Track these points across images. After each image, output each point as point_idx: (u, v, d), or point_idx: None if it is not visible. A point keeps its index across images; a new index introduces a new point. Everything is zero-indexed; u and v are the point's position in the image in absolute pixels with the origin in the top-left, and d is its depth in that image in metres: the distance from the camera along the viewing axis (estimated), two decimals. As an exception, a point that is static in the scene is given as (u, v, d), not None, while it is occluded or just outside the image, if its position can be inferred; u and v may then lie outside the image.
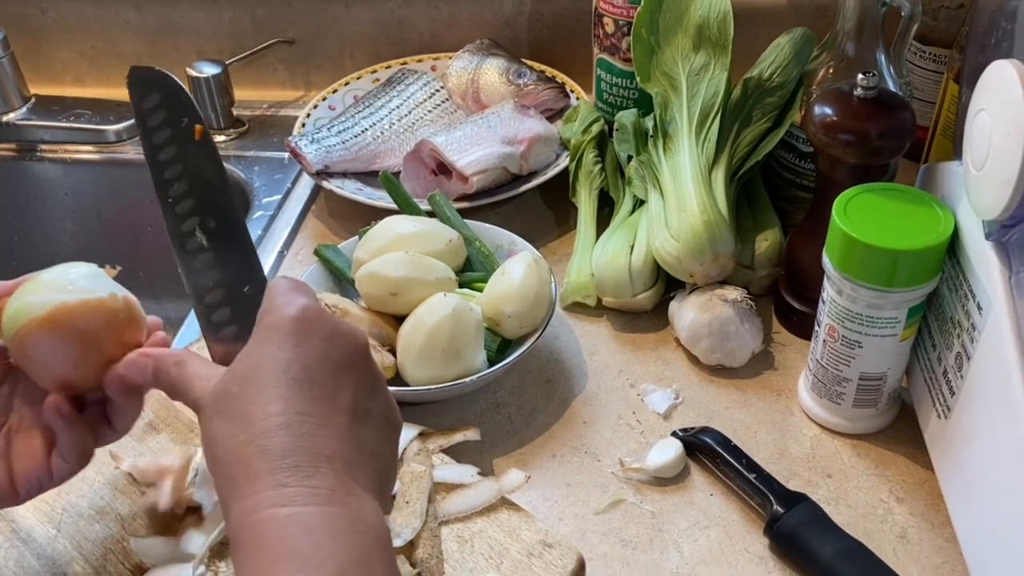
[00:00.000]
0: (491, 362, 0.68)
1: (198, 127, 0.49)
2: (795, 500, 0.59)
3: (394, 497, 0.59)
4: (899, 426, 0.66)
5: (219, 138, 1.02)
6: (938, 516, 0.60)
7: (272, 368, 0.41)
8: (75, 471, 0.49)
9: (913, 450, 0.65)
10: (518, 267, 0.69)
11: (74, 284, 0.47)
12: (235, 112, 1.03)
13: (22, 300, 0.47)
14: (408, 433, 0.63)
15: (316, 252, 0.76)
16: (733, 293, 0.71)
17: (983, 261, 0.53)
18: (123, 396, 0.48)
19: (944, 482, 0.59)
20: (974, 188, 0.53)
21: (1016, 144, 0.47)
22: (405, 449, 0.62)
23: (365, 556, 0.38)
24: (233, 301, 0.48)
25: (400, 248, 0.71)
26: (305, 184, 0.95)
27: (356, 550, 0.37)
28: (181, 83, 0.50)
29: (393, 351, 0.67)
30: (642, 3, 0.78)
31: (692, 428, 0.66)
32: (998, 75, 0.50)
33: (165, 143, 0.50)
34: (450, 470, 0.61)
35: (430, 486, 0.59)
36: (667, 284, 0.76)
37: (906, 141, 0.65)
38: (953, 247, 0.58)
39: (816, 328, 0.65)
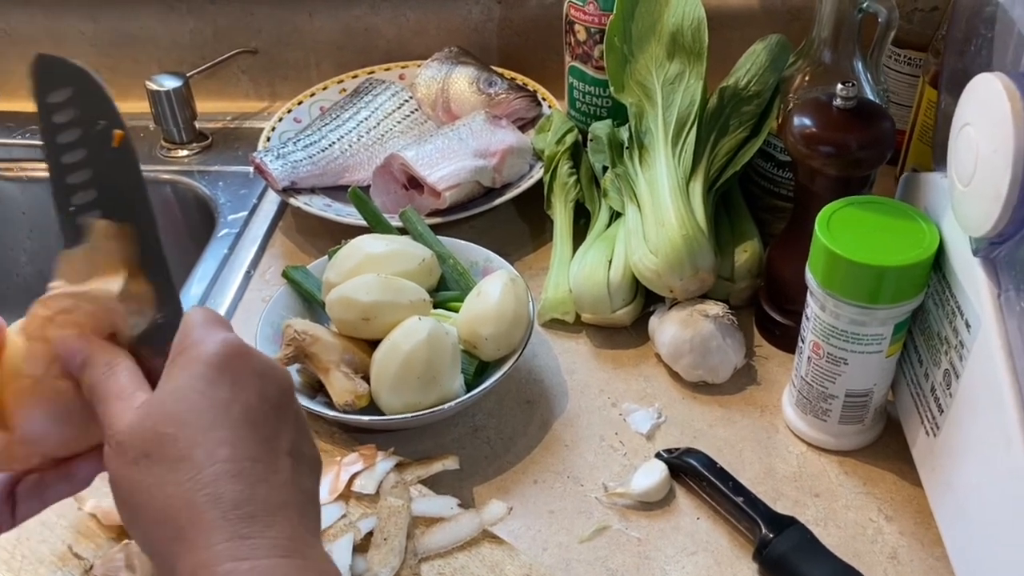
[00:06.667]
0: (469, 386, 0.66)
1: (117, 132, 0.42)
2: (784, 524, 0.58)
3: (371, 534, 0.57)
4: (885, 441, 0.65)
5: (182, 153, 0.99)
6: (928, 535, 0.59)
7: (212, 408, 0.38)
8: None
9: (901, 466, 0.63)
10: (494, 287, 0.67)
11: None
12: (198, 125, 1.00)
13: None
14: (385, 465, 0.61)
15: (284, 274, 0.73)
16: (714, 308, 0.69)
17: (970, 278, 0.52)
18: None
19: (934, 500, 0.58)
20: (960, 204, 0.52)
21: (1005, 161, 0.46)
22: (382, 482, 0.60)
23: None
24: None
25: (371, 269, 0.68)
26: (272, 200, 0.92)
27: None
28: (102, 82, 0.43)
29: (366, 378, 0.64)
30: (614, 11, 0.77)
31: (676, 449, 0.65)
32: (984, 89, 0.48)
33: (72, 144, 0.42)
34: (429, 503, 0.59)
35: (409, 521, 0.57)
36: (646, 299, 0.75)
37: (887, 152, 0.64)
38: (938, 261, 0.56)
39: (800, 344, 0.64)
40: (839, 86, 0.63)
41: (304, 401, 0.64)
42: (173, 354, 0.40)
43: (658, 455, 0.65)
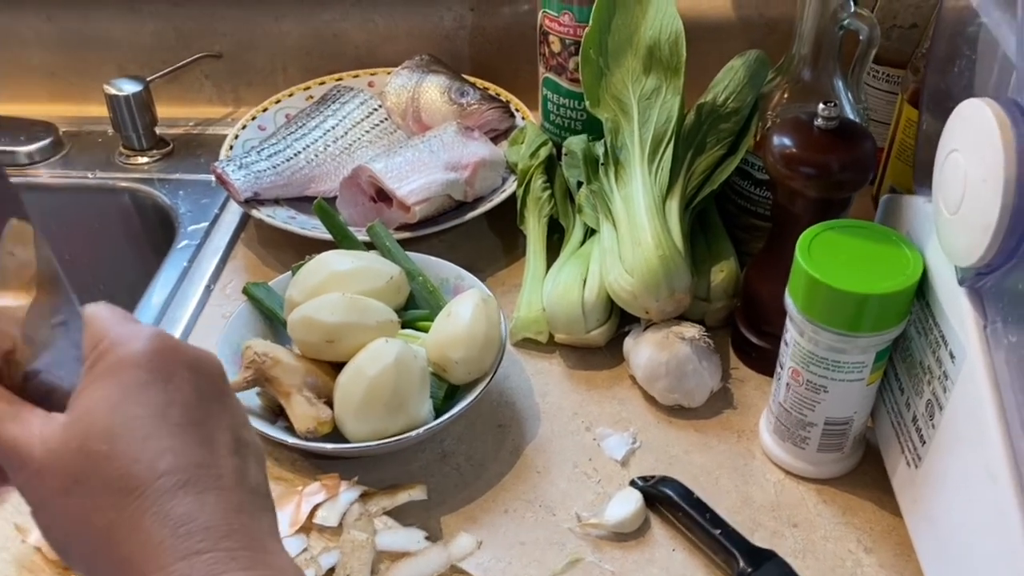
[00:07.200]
0: (438, 411, 0.63)
1: None
2: (763, 557, 0.56)
3: (332, 570, 0.54)
4: (864, 469, 0.64)
5: (141, 160, 0.96)
6: (908, 567, 0.58)
7: (147, 415, 0.34)
8: None
9: (880, 495, 0.62)
10: (465, 308, 0.64)
11: None
12: (158, 131, 0.97)
13: None
14: (348, 495, 0.58)
15: (245, 291, 0.70)
16: (691, 331, 0.67)
17: (955, 308, 0.51)
18: None
19: (915, 532, 0.57)
20: (946, 232, 0.50)
21: (995, 190, 0.44)
22: (345, 513, 0.57)
23: None
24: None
25: (337, 287, 0.66)
26: (234, 210, 0.89)
27: None
28: None
29: (330, 403, 0.62)
30: (590, 23, 0.75)
31: (651, 477, 0.63)
32: (972, 115, 0.47)
33: None
34: (395, 536, 0.56)
35: (373, 556, 0.54)
36: (621, 319, 0.73)
37: (869, 174, 0.62)
38: (921, 289, 0.55)
39: (778, 370, 0.62)
40: (821, 106, 0.61)
41: (264, 427, 0.61)
42: (91, 360, 0.36)
43: (633, 483, 0.63)
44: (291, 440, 0.60)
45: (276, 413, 0.64)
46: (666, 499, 0.61)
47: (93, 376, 0.35)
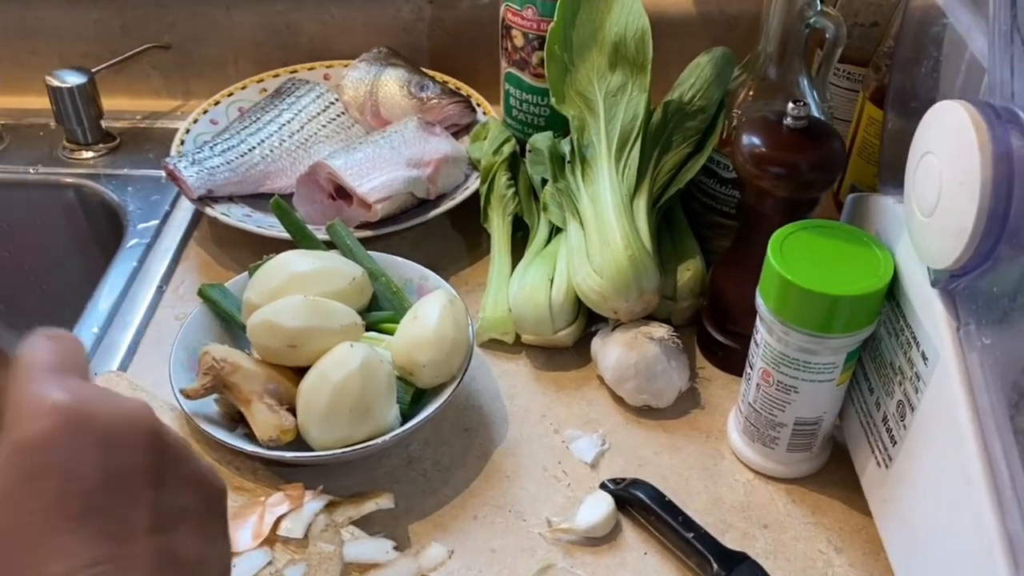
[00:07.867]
0: (404, 416, 0.62)
1: None
2: (736, 560, 0.56)
3: (299, 584, 0.52)
4: (832, 468, 0.64)
5: (87, 154, 0.92)
6: (878, 566, 0.58)
7: (39, 509, 0.30)
8: None
9: (848, 494, 0.62)
10: (432, 310, 0.63)
11: None
12: (104, 125, 0.93)
13: None
14: (313, 505, 0.56)
15: (200, 293, 0.68)
16: (659, 331, 0.67)
17: (928, 309, 0.51)
18: None
19: (885, 532, 0.57)
20: (921, 234, 0.50)
21: (971, 193, 0.44)
22: (311, 525, 0.55)
23: None
24: None
25: (297, 289, 0.63)
26: (186, 207, 0.86)
27: None
28: None
29: (292, 410, 0.60)
30: (555, 18, 0.73)
31: (622, 480, 0.62)
32: (947, 117, 0.47)
33: None
34: (362, 546, 0.55)
35: (340, 568, 0.53)
36: (588, 318, 0.72)
37: (837, 173, 0.62)
38: (892, 290, 0.55)
39: (748, 371, 0.62)
40: (790, 105, 0.61)
41: (223, 435, 0.59)
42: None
43: (603, 486, 0.62)
44: (251, 448, 0.58)
45: (236, 420, 0.62)
46: (637, 502, 0.60)
47: None
